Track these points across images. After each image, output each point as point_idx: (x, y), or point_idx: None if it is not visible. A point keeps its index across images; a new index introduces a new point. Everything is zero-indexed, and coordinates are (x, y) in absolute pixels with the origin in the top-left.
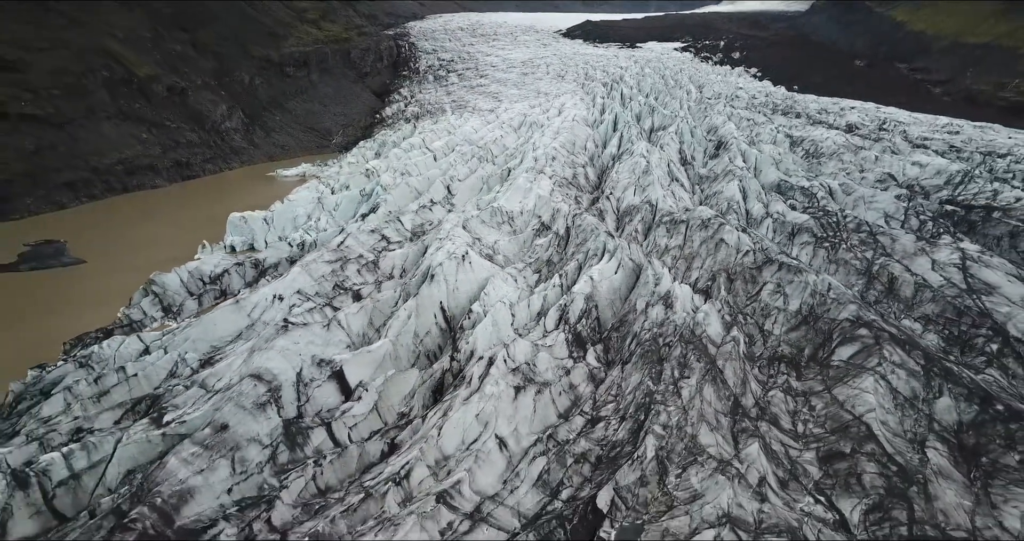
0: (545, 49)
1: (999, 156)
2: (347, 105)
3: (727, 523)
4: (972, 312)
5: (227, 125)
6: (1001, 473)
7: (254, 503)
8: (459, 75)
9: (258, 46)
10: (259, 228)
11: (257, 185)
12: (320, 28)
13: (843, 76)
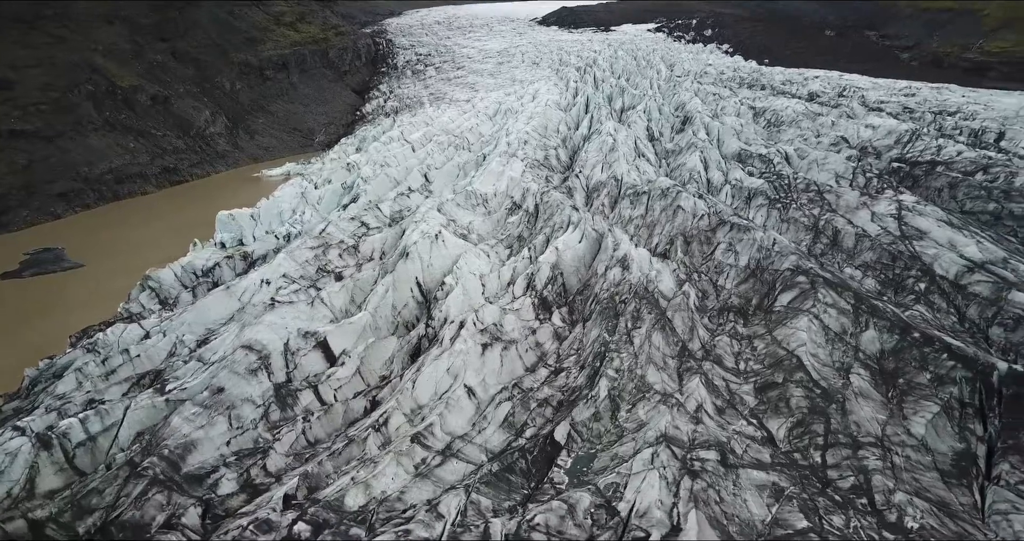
0: (521, 38)
1: (949, 114)
2: (328, 104)
3: (663, 442)
4: (904, 256)
5: (211, 130)
6: (914, 390)
7: (251, 453)
8: (436, 68)
9: (237, 51)
10: (247, 224)
11: (244, 186)
12: (297, 30)
13: (813, 47)
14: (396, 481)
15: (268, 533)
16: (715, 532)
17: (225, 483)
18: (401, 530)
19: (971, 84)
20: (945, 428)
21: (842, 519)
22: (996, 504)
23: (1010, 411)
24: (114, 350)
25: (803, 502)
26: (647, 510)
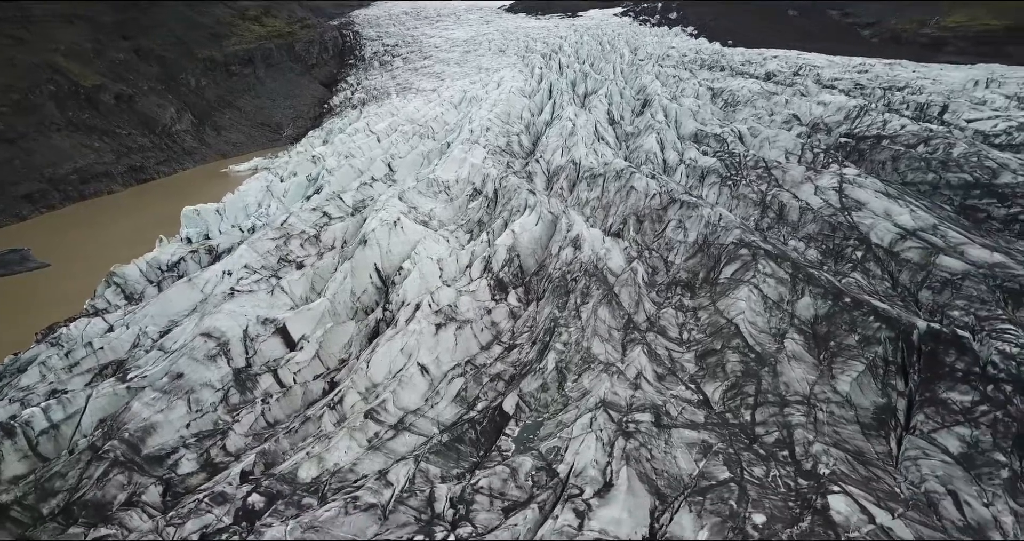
0: (488, 26)
1: (898, 89)
2: (295, 98)
3: (602, 407)
4: (843, 227)
5: (177, 127)
6: (844, 352)
7: (210, 434)
8: (404, 59)
9: (201, 48)
10: (212, 219)
11: (211, 182)
12: (263, 24)
13: (776, 27)
14: (349, 454)
15: (223, 504)
16: (644, 486)
17: (185, 463)
18: (350, 497)
19: (928, 59)
20: (869, 385)
21: (763, 470)
22: (908, 451)
23: (928, 366)
24: (78, 343)
25: (728, 456)
26: (583, 469)
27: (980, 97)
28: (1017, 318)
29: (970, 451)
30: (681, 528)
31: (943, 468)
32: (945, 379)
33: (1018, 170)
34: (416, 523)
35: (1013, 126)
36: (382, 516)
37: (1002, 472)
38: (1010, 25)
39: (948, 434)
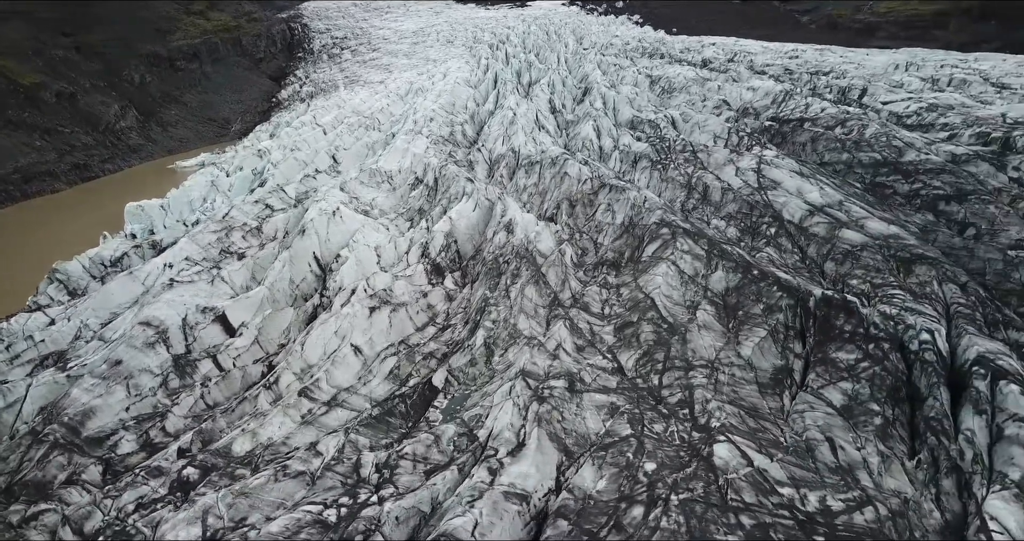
0: (437, 17)
1: (823, 74)
2: (243, 92)
3: (520, 376)
4: (760, 205)
5: (122, 124)
6: (750, 320)
7: (149, 417)
8: (352, 51)
9: (145, 43)
10: (157, 215)
11: (158, 179)
12: (208, 19)
13: (719, 15)
14: (282, 429)
15: (159, 477)
16: (553, 444)
17: (124, 443)
18: (280, 466)
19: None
20: (769, 349)
21: (663, 426)
22: (797, 406)
23: (821, 330)
24: (18, 337)
25: (632, 416)
26: (500, 433)
27: (898, 80)
28: (906, 284)
29: (850, 403)
30: (583, 479)
31: (825, 418)
32: (835, 340)
33: (922, 149)
34: (342, 487)
35: (923, 107)
36: (310, 482)
37: (876, 420)
38: (938, 10)
39: (834, 389)
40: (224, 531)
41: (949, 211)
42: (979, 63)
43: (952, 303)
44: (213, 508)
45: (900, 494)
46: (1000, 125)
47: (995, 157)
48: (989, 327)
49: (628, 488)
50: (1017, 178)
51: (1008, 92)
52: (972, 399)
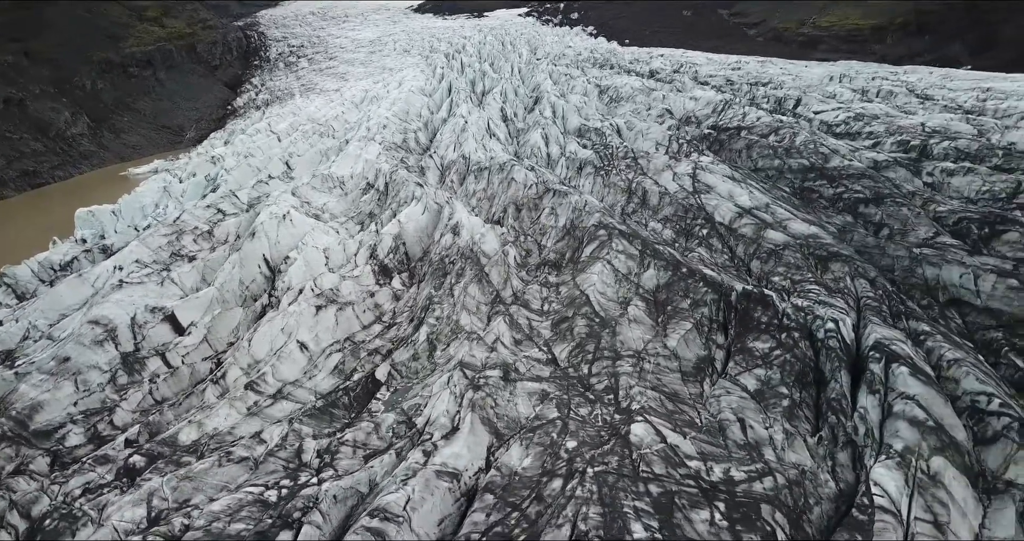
0: (395, 26)
1: (763, 85)
2: (198, 100)
3: (458, 367)
4: (694, 208)
5: (73, 131)
6: (677, 314)
7: (98, 411)
8: (309, 59)
9: (97, 49)
10: (108, 220)
11: (110, 185)
12: (162, 25)
13: (671, 27)
14: (228, 420)
15: (106, 465)
16: (485, 428)
17: (72, 436)
18: (224, 452)
19: (805, 56)
20: (694, 340)
21: (587, 410)
22: (715, 391)
23: (741, 322)
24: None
25: (561, 401)
26: (436, 419)
27: (831, 91)
28: (823, 280)
29: (762, 387)
30: (510, 458)
31: (739, 402)
32: (753, 331)
33: (847, 155)
34: (284, 471)
35: (851, 116)
36: (253, 467)
37: (784, 402)
38: (876, 24)
39: (749, 375)
40: (168, 511)
41: (867, 213)
42: (907, 75)
43: (862, 296)
44: (158, 491)
45: (800, 466)
46: (919, 134)
47: (912, 163)
48: (893, 318)
49: (550, 464)
50: (931, 183)
51: (930, 103)
52: (868, 381)
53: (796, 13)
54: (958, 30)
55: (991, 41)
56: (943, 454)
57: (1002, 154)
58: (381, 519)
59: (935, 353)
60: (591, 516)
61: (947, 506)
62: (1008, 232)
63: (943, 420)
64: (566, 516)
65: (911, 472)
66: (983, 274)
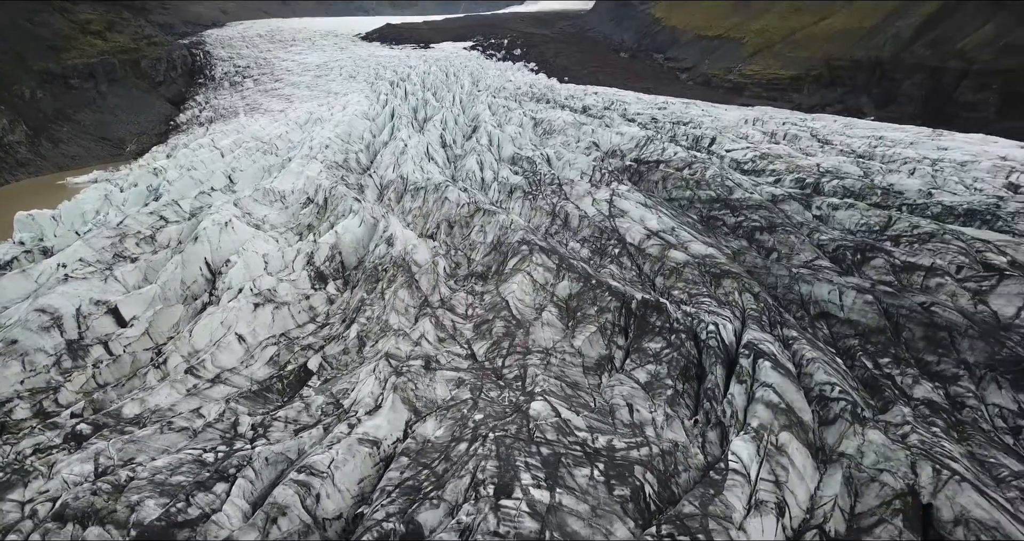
0: (342, 53)
1: (683, 124)
2: (140, 114)
3: (384, 358)
4: (608, 230)
5: (10, 138)
6: (585, 319)
7: (43, 390)
8: (254, 80)
9: (38, 59)
10: (47, 224)
11: (46, 193)
12: (106, 39)
13: (608, 67)
14: (168, 399)
15: (54, 430)
16: (405, 406)
17: (19, 410)
18: (166, 422)
19: (730, 100)
20: (598, 341)
21: (497, 393)
22: (610, 382)
23: (639, 326)
24: None
25: (474, 385)
26: (361, 399)
27: (744, 132)
28: (715, 294)
29: (652, 380)
30: (426, 429)
31: (629, 391)
32: (648, 334)
33: (748, 189)
34: (220, 439)
35: (758, 155)
36: (192, 435)
37: (668, 391)
38: (794, 75)
39: (641, 370)
40: (114, 467)
41: (762, 239)
42: (813, 122)
43: (747, 308)
44: (104, 451)
45: (675, 442)
46: (814, 173)
47: (804, 198)
48: (770, 326)
49: (459, 433)
50: (819, 215)
51: (829, 147)
52: (737, 373)
53: (724, 61)
54: (866, 85)
55: (893, 96)
56: (790, 430)
57: (880, 193)
58: (308, 474)
59: (798, 354)
60: (488, 468)
61: (788, 470)
62: (876, 258)
63: (793, 404)
64: (468, 469)
65: (762, 444)
66: (846, 291)
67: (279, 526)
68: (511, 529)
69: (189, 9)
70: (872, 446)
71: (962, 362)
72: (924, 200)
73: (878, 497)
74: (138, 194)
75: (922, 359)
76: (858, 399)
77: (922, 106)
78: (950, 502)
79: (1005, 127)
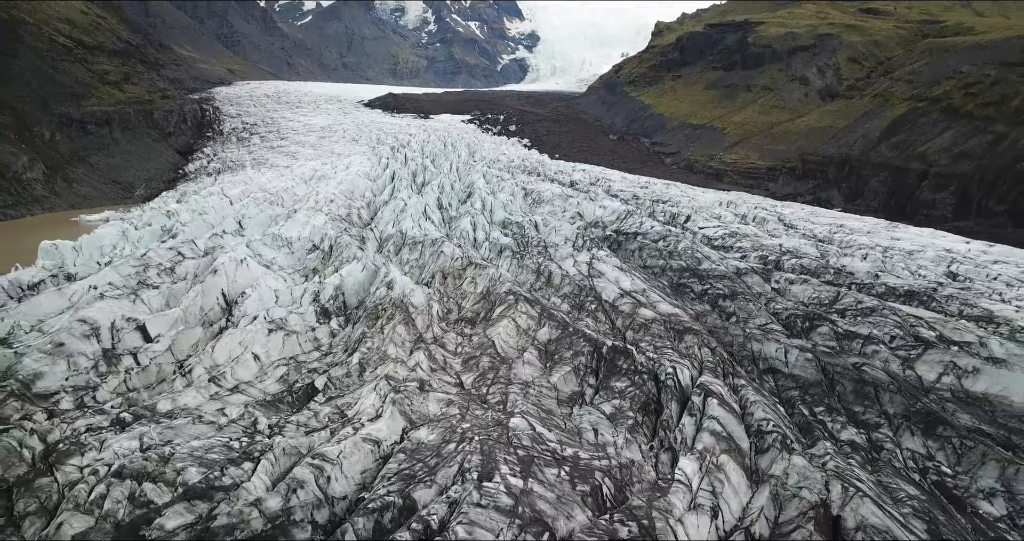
0: (345, 117)
1: (662, 202)
2: (150, 161)
3: (383, 379)
4: (587, 288)
5: (28, 175)
6: (562, 361)
7: (84, 387)
8: (261, 137)
9: (59, 104)
10: (69, 254)
11: (61, 228)
12: (122, 90)
13: (597, 147)
14: (195, 400)
15: (102, 414)
16: (402, 417)
17: (64, 402)
18: (196, 416)
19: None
20: (571, 379)
21: (481, 411)
22: (580, 411)
23: (607, 369)
24: None
25: (462, 406)
26: (364, 410)
27: (718, 213)
28: (678, 347)
29: (616, 412)
30: (420, 435)
31: (596, 419)
32: (616, 374)
33: (716, 261)
34: (243, 433)
35: (728, 233)
36: (219, 428)
37: (629, 421)
38: (771, 166)
39: (608, 404)
40: (156, 445)
41: (724, 305)
42: (783, 209)
43: (704, 360)
44: (147, 433)
45: (631, 460)
46: (776, 251)
47: (765, 273)
48: (723, 376)
49: (449, 437)
50: (777, 288)
51: (793, 230)
52: (689, 408)
53: (707, 148)
54: (836, 179)
55: (861, 191)
56: (729, 454)
57: (834, 272)
58: (321, 460)
59: (743, 397)
60: (473, 461)
61: (724, 484)
62: (822, 326)
63: (734, 434)
64: (456, 461)
65: (705, 462)
66: (791, 349)
67: (297, 496)
68: (491, 502)
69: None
70: (795, 468)
71: (883, 413)
72: (871, 281)
73: (797, 509)
74: (152, 233)
75: (851, 409)
76: (789, 433)
77: (886, 202)
78: (853, 513)
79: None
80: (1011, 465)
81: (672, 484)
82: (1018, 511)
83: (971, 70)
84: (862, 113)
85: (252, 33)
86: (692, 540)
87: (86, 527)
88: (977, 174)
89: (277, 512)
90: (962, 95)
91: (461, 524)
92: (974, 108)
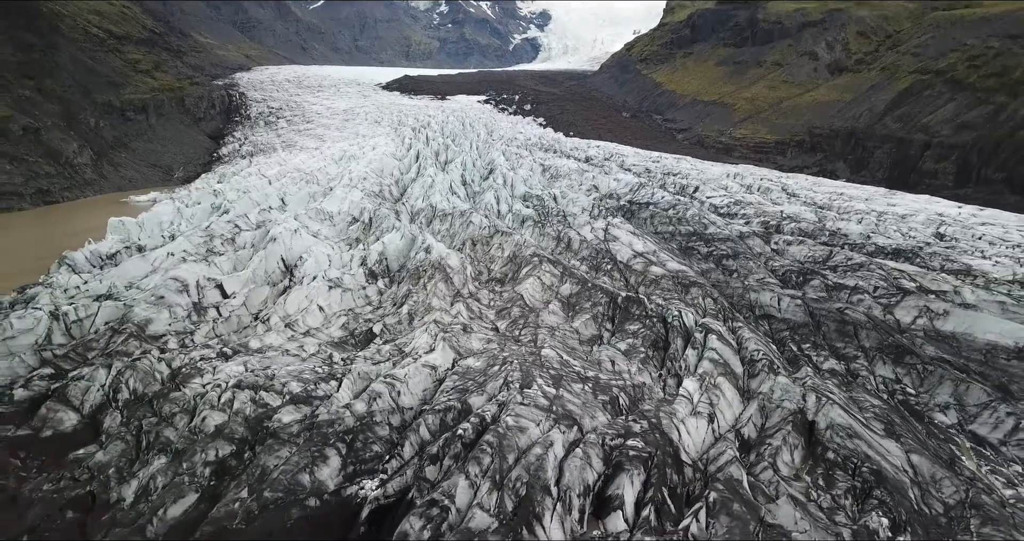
0: (365, 100)
1: (673, 175)
2: (185, 146)
3: (433, 322)
4: (603, 251)
5: (79, 160)
6: (582, 310)
7: (183, 331)
8: (288, 121)
9: (100, 93)
10: (134, 229)
11: (113, 208)
12: (154, 78)
13: (610, 124)
14: (277, 340)
15: (207, 349)
16: (451, 350)
17: (171, 342)
18: (283, 350)
19: (720, 159)
20: (591, 325)
21: (517, 348)
22: (598, 349)
23: (622, 315)
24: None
25: (500, 343)
26: (418, 347)
27: (725, 184)
28: (685, 298)
29: (629, 349)
30: (468, 363)
31: (612, 353)
32: (630, 319)
33: (721, 226)
34: (323, 363)
35: (733, 202)
36: (303, 360)
37: (640, 355)
38: (779, 139)
39: (622, 342)
40: (257, 371)
41: (727, 264)
42: (787, 180)
43: (707, 308)
44: (249, 361)
45: (641, 382)
46: (777, 217)
47: (766, 235)
48: (724, 320)
49: (492, 362)
50: (776, 249)
51: (795, 199)
52: (692, 342)
53: (717, 124)
54: (842, 151)
55: (866, 162)
56: (725, 376)
57: (829, 234)
58: (391, 380)
59: (740, 335)
60: (514, 376)
61: (720, 398)
62: (814, 280)
63: (730, 361)
64: (500, 377)
65: (705, 382)
66: (783, 297)
67: (376, 403)
68: (532, 402)
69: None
70: (779, 385)
71: (860, 347)
72: (862, 241)
73: (779, 416)
74: (203, 210)
75: (833, 345)
76: (777, 361)
77: (890, 172)
78: (825, 417)
79: (959, 193)
80: (963, 383)
81: (676, 398)
82: (966, 419)
83: (976, 43)
84: (869, 86)
85: (266, 18)
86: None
87: (223, 420)
88: (977, 144)
89: (363, 414)
90: (966, 67)
91: (510, 415)
92: (976, 80)
